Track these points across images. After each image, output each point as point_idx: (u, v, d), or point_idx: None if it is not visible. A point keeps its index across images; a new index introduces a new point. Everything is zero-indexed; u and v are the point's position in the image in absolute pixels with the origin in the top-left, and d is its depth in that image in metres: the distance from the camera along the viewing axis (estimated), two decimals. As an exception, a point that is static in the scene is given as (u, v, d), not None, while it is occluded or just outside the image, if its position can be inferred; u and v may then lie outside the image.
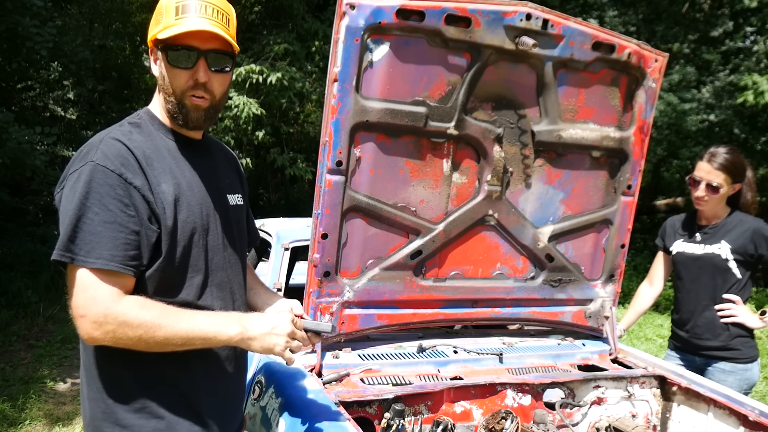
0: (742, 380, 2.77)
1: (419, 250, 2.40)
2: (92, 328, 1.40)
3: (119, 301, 1.41)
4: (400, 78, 2.17)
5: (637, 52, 2.46)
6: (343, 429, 1.76)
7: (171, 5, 1.52)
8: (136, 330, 1.41)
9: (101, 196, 1.41)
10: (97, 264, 1.39)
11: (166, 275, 1.52)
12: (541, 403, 2.38)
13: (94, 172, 1.42)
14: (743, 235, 2.78)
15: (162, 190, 1.50)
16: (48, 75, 9.76)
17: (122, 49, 12.14)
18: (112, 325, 1.39)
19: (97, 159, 1.44)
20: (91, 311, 1.39)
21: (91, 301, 1.40)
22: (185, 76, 1.53)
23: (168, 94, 1.56)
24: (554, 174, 2.56)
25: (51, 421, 4.22)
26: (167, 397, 1.54)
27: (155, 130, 1.60)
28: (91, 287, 1.40)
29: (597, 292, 2.79)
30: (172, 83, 1.54)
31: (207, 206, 1.61)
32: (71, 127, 10.46)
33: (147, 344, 1.43)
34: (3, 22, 6.31)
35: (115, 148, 1.47)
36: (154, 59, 1.59)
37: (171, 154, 1.58)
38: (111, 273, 1.41)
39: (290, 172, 9.10)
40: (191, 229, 1.55)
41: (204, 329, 1.48)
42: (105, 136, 1.51)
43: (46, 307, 6.64)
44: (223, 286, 1.65)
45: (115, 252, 1.41)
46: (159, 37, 1.51)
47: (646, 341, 6.69)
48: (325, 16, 8.95)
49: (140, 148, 1.51)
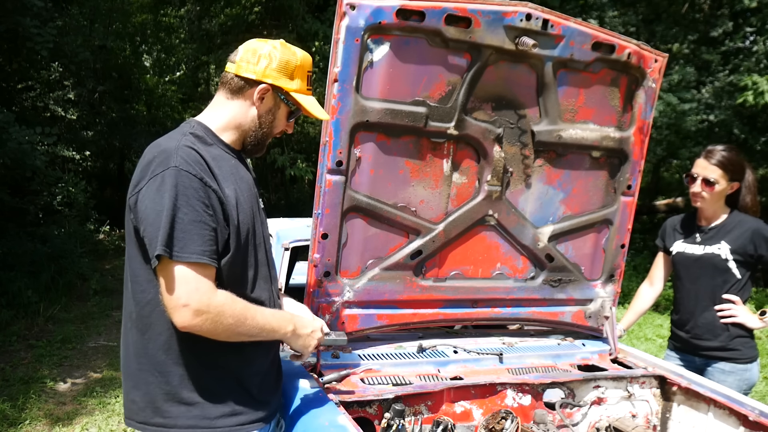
0: (742, 380, 2.77)
1: (419, 250, 2.41)
2: (194, 315, 1.56)
3: (216, 293, 1.60)
4: (400, 78, 2.18)
5: (636, 52, 2.46)
6: (343, 429, 1.76)
7: (305, 68, 1.84)
8: (229, 319, 1.60)
9: (188, 198, 1.58)
10: (193, 258, 1.56)
11: (233, 270, 1.70)
12: (541, 403, 2.38)
13: (179, 176, 1.59)
14: (743, 236, 2.78)
15: (227, 194, 1.69)
16: (48, 75, 9.77)
17: (122, 50, 12.15)
18: (212, 314, 1.57)
19: (180, 165, 1.60)
20: (194, 301, 1.55)
21: (194, 292, 1.56)
22: (285, 126, 1.90)
23: (266, 130, 1.85)
24: (554, 174, 2.56)
25: (51, 421, 4.22)
26: (226, 380, 1.72)
27: (213, 141, 1.79)
28: (193, 280, 1.56)
29: (597, 292, 2.79)
30: (274, 126, 1.86)
31: (254, 208, 1.82)
32: (71, 127, 10.47)
33: (232, 333, 1.63)
34: (4, 23, 6.31)
35: (192, 156, 1.64)
36: (265, 99, 1.80)
37: (227, 162, 1.78)
38: (204, 266, 1.58)
39: (290, 173, 9.10)
40: (247, 229, 1.75)
41: (272, 324, 1.74)
42: (179, 144, 1.66)
43: (46, 307, 6.64)
44: (266, 279, 1.85)
45: (205, 247, 1.58)
46: (293, 95, 1.81)
47: (646, 341, 6.69)
48: (325, 17, 8.95)
49: (209, 156, 1.70)
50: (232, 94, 1.81)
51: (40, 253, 7.57)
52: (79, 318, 6.77)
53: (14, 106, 8.53)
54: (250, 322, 1.66)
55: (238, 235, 1.71)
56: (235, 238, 1.70)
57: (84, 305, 7.31)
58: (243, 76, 1.77)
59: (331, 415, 1.83)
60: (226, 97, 1.81)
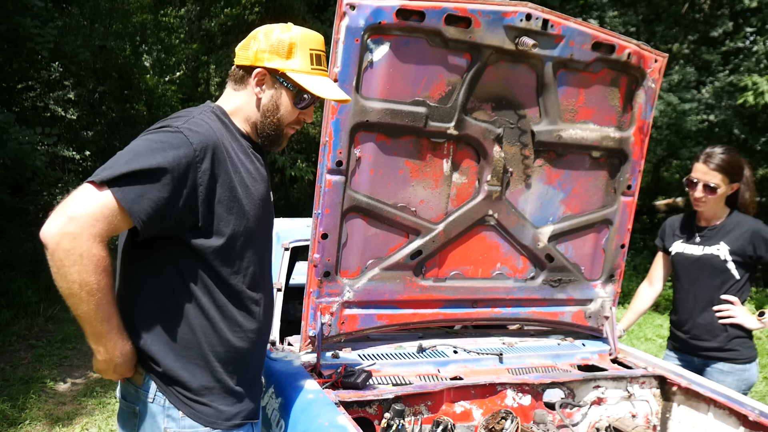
0: (741, 381, 2.77)
1: (419, 250, 2.41)
2: (59, 229, 1.38)
3: (97, 243, 1.41)
4: (400, 78, 2.18)
5: (636, 52, 2.46)
6: (343, 429, 1.76)
7: (306, 46, 1.67)
8: (75, 275, 1.40)
9: (165, 157, 1.46)
10: (118, 194, 1.40)
11: (227, 256, 1.61)
12: (541, 403, 2.38)
13: (175, 136, 1.50)
14: (742, 237, 2.78)
15: (231, 179, 1.59)
16: (48, 75, 9.76)
17: (122, 50, 12.15)
18: (68, 248, 1.38)
19: (183, 129, 1.53)
20: (75, 219, 1.38)
21: (84, 213, 1.39)
22: (297, 114, 1.73)
23: (273, 120, 1.72)
24: (554, 174, 2.56)
25: (51, 421, 4.22)
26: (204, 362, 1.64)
27: (231, 127, 1.71)
28: (97, 206, 1.40)
29: (597, 292, 2.79)
30: (284, 115, 1.72)
31: (265, 201, 1.74)
32: (71, 127, 10.46)
33: (71, 297, 1.44)
34: (4, 23, 6.31)
35: (203, 128, 1.57)
36: (264, 83, 1.69)
37: (243, 151, 1.69)
38: (121, 210, 1.42)
39: (290, 173, 9.10)
40: (254, 219, 1.66)
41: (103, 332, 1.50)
42: (197, 114, 1.62)
43: (46, 307, 6.64)
44: (265, 275, 1.80)
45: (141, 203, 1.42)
46: (290, 76, 1.65)
47: (646, 341, 6.69)
48: (325, 17, 8.95)
49: (222, 137, 1.62)
50: (236, 85, 1.74)
51: (40, 253, 7.47)
52: (79, 318, 6.76)
53: (14, 106, 8.53)
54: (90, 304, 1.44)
55: (238, 223, 1.61)
56: (233, 224, 1.60)
57: (84, 305, 7.29)
58: (240, 65, 1.71)
59: (331, 415, 1.83)
60: (233, 88, 1.75)
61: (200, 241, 1.58)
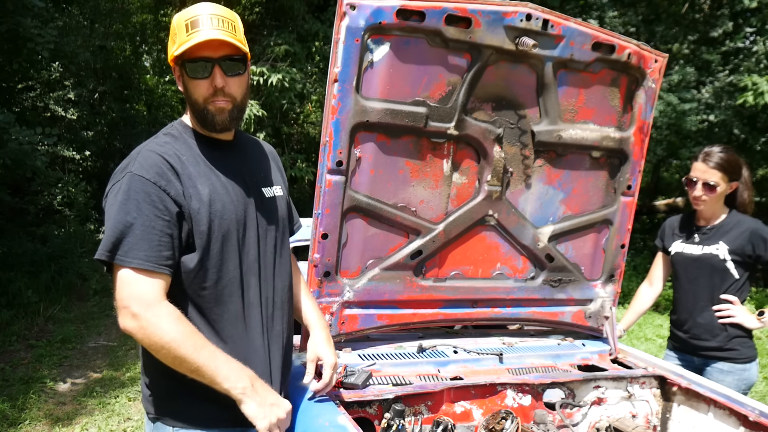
0: (740, 380, 2.77)
1: (419, 250, 2.41)
2: (130, 318, 1.55)
3: (159, 303, 1.57)
4: (400, 78, 2.18)
5: (636, 52, 2.46)
6: (343, 429, 1.76)
7: (181, 23, 1.66)
8: (163, 336, 1.53)
9: (138, 202, 1.57)
10: (134, 263, 1.56)
11: (205, 268, 1.66)
12: (541, 403, 2.38)
13: (132, 181, 1.59)
14: (741, 236, 2.78)
15: (198, 192, 1.65)
16: (49, 75, 9.78)
17: (122, 50, 12.15)
18: (145, 322, 1.54)
19: (135, 170, 1.61)
20: (132, 304, 1.55)
21: (134, 295, 1.55)
22: (205, 85, 1.67)
23: (193, 104, 1.71)
24: (554, 174, 2.56)
25: (51, 421, 4.22)
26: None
27: (189, 138, 1.75)
28: (133, 283, 1.56)
29: (597, 292, 2.79)
30: (194, 93, 1.69)
31: (242, 203, 1.74)
32: (71, 127, 10.47)
33: (166, 355, 1.55)
34: (4, 23, 6.31)
35: (151, 159, 1.63)
36: (177, 77, 1.73)
37: (204, 159, 1.73)
38: (149, 272, 1.57)
39: (290, 173, 9.10)
40: (227, 226, 1.69)
41: (217, 369, 1.57)
42: (143, 149, 1.67)
43: (46, 307, 6.64)
44: (259, 276, 1.78)
45: (151, 253, 1.57)
46: (176, 54, 1.66)
47: (646, 341, 6.70)
48: (325, 17, 8.94)
49: (175, 156, 1.66)
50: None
51: (40, 253, 7.57)
52: (79, 318, 6.77)
53: (14, 107, 8.53)
54: (186, 351, 1.53)
55: (209, 235, 1.65)
56: (206, 237, 1.65)
57: (84, 305, 7.31)
58: None
59: (331, 415, 1.83)
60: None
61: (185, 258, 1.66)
